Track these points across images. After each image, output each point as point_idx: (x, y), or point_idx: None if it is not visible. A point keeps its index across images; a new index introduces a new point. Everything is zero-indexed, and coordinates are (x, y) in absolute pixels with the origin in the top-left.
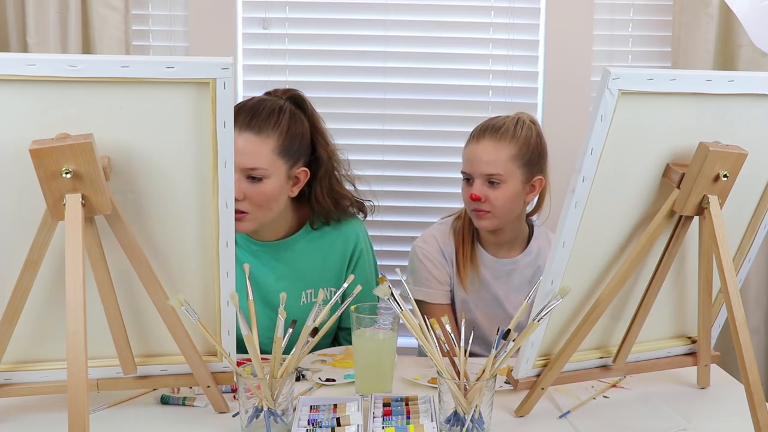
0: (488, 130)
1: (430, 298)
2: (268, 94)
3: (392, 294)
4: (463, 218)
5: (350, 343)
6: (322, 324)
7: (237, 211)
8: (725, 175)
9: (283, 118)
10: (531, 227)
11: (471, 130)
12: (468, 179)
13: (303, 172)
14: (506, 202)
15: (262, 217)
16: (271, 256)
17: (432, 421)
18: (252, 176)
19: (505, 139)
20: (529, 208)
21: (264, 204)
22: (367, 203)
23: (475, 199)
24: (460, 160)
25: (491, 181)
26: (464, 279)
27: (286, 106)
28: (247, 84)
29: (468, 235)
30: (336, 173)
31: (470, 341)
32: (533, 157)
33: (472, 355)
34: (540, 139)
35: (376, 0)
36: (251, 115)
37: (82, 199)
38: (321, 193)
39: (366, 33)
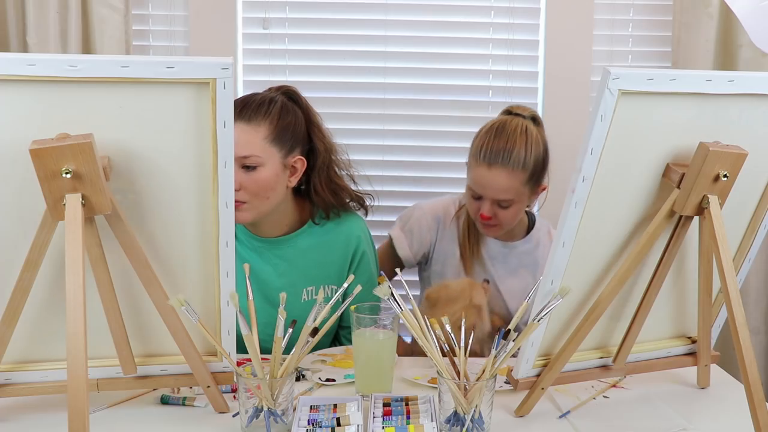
0: (500, 156)
1: (396, 242)
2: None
3: (392, 294)
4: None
5: (351, 341)
6: (322, 324)
7: (235, 201)
8: (725, 175)
9: (274, 108)
10: (531, 218)
11: (470, 130)
12: (476, 197)
13: (300, 161)
14: (514, 218)
15: (260, 206)
16: (273, 253)
17: (432, 421)
18: (246, 165)
19: (518, 166)
20: None
21: (261, 192)
22: (366, 197)
23: (486, 219)
24: (460, 159)
25: (502, 205)
26: (468, 265)
27: (277, 97)
28: (247, 84)
29: (472, 226)
30: (334, 165)
31: (470, 341)
32: (541, 173)
33: None
34: (546, 149)
35: (376, 0)
36: (242, 106)
37: (82, 199)
38: (319, 184)
39: (366, 33)
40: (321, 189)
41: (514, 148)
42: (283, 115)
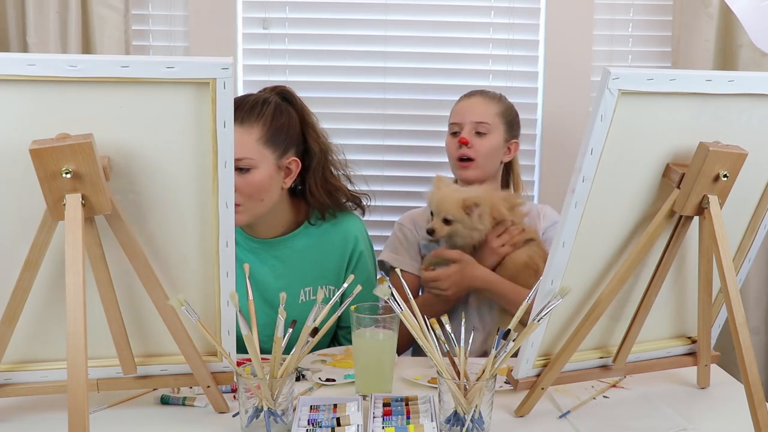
0: (478, 92)
1: (394, 263)
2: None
3: (392, 294)
4: None
5: (349, 341)
6: (322, 324)
7: None
8: (725, 175)
9: (267, 109)
10: None
11: None
12: (455, 132)
13: (294, 162)
14: (489, 152)
15: (254, 208)
16: (270, 254)
17: (432, 421)
18: (239, 167)
19: (494, 100)
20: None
21: (255, 194)
22: (363, 197)
23: (464, 142)
24: None
25: (478, 132)
26: None
27: (271, 98)
28: (247, 84)
29: None
30: (330, 166)
31: (470, 341)
32: (513, 121)
33: None
34: (516, 112)
35: (376, 0)
36: (235, 108)
37: (82, 199)
38: (315, 185)
39: (366, 33)
40: (316, 190)
41: (490, 90)
42: (277, 116)
